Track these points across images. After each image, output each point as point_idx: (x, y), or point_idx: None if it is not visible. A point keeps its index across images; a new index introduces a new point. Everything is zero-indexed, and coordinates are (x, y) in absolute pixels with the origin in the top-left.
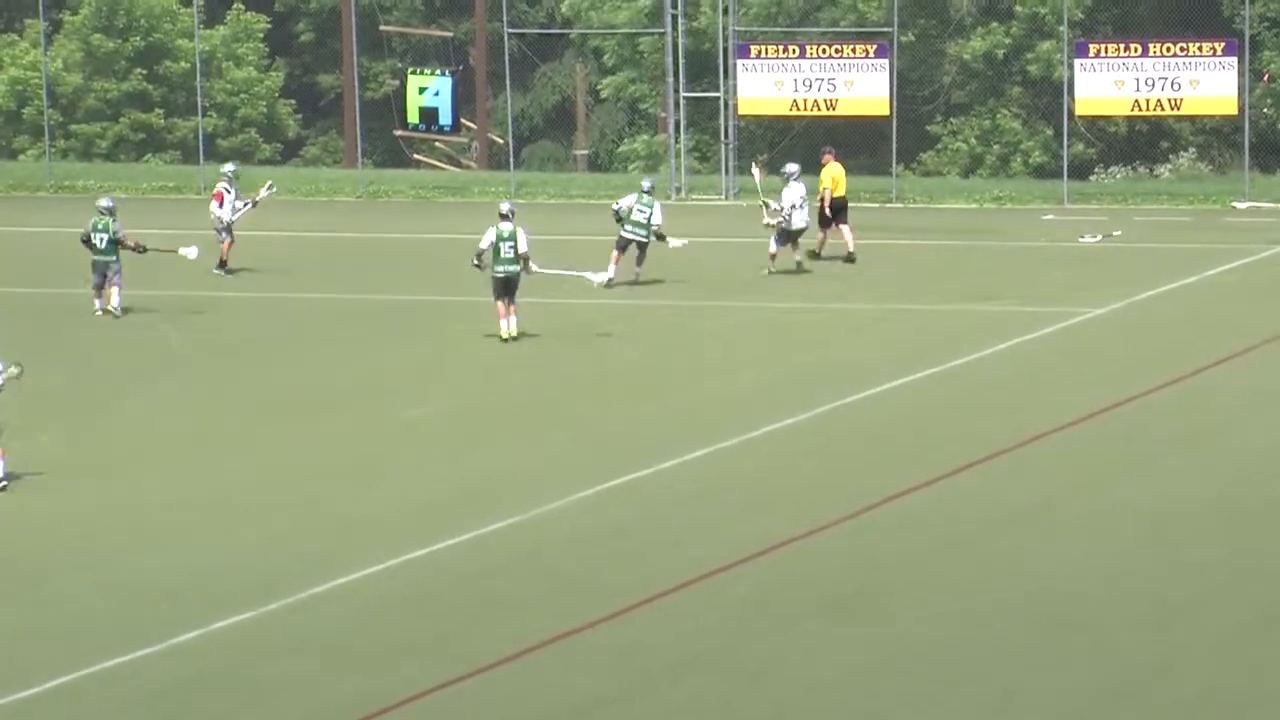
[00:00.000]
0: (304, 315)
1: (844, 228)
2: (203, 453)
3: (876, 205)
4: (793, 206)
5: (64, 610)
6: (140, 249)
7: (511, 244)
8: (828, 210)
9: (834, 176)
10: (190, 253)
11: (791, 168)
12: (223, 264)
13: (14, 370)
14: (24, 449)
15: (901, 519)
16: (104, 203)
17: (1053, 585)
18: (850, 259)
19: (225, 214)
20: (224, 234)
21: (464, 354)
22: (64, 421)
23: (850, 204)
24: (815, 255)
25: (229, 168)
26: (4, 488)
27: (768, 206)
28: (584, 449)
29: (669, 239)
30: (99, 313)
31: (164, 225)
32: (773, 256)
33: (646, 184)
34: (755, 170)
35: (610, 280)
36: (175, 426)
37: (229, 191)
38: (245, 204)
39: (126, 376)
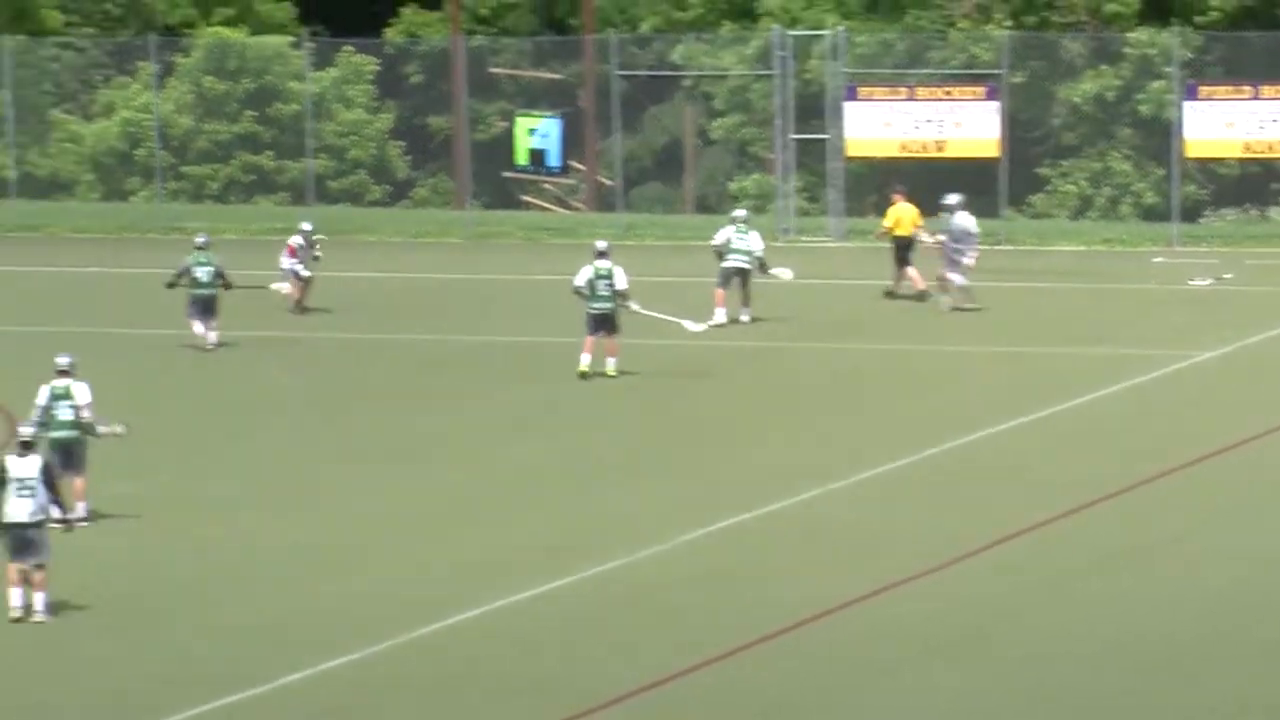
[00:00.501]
0: (412, 357)
1: (905, 268)
2: (310, 495)
3: (986, 247)
4: (965, 233)
5: (172, 650)
6: (229, 285)
7: (608, 281)
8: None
9: (897, 216)
10: (283, 287)
11: (952, 199)
12: (298, 305)
13: (119, 429)
14: (133, 489)
15: (1004, 563)
16: (201, 239)
17: (1147, 629)
18: (890, 294)
19: (299, 266)
20: (294, 277)
21: (570, 395)
22: (173, 462)
23: (962, 245)
24: (924, 294)
25: (307, 225)
26: (83, 525)
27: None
28: (690, 491)
29: (772, 269)
30: (210, 348)
31: (269, 265)
32: (946, 287)
33: (740, 213)
34: (925, 237)
35: (721, 324)
36: (283, 468)
37: (302, 246)
38: (312, 255)
39: (234, 418)
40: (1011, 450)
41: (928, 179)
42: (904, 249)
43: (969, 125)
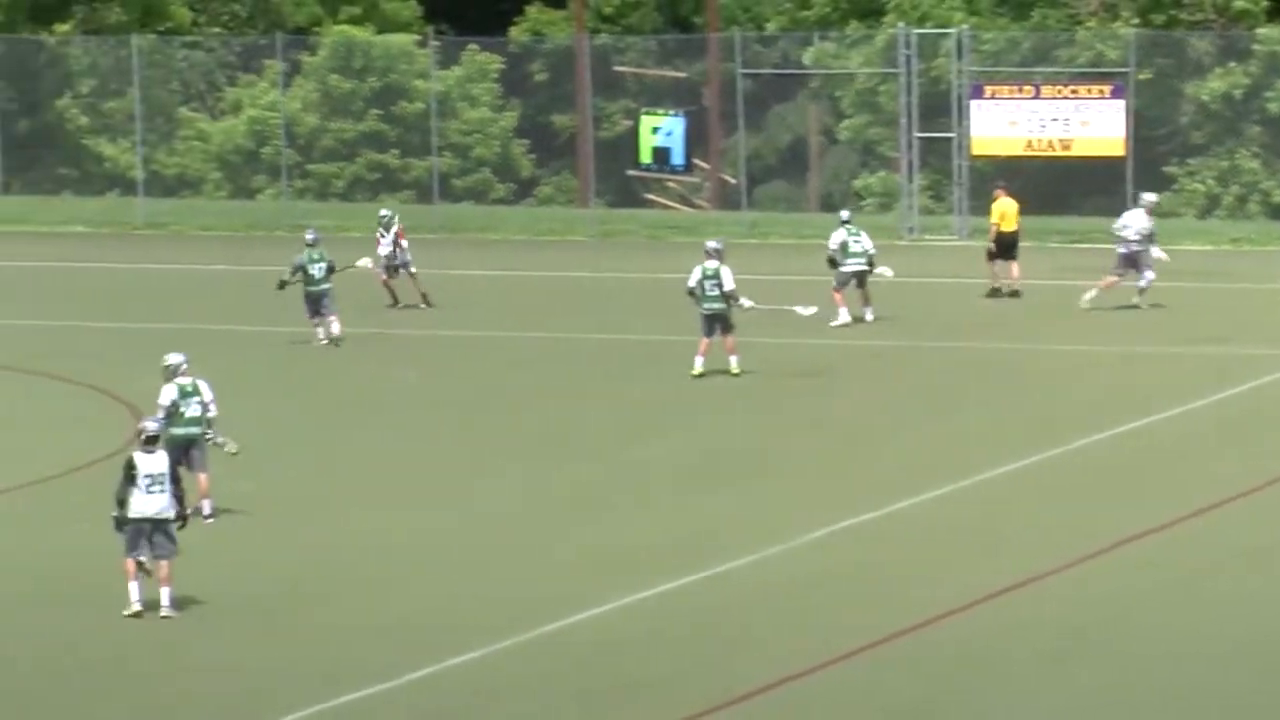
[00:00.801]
0: (534, 354)
1: (1011, 264)
2: (431, 493)
3: (1112, 246)
4: (1150, 234)
5: (295, 647)
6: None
7: (715, 282)
8: (992, 245)
9: (1002, 211)
10: (366, 263)
11: (1149, 198)
12: (396, 300)
13: (233, 447)
14: (254, 486)
15: (1132, 562)
16: (311, 236)
17: (1276, 630)
18: (1014, 294)
19: (383, 252)
20: (383, 270)
21: (693, 393)
22: (294, 459)
23: (1086, 245)
24: (997, 292)
25: (384, 213)
26: (208, 521)
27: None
28: (815, 489)
29: (876, 268)
30: (323, 343)
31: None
32: (1106, 288)
33: (845, 215)
34: (1130, 234)
35: (847, 324)
36: (403, 465)
37: (383, 236)
38: (394, 244)
39: (353, 414)
40: (1139, 449)
41: (1052, 177)
42: (1010, 244)
43: (1095, 124)
